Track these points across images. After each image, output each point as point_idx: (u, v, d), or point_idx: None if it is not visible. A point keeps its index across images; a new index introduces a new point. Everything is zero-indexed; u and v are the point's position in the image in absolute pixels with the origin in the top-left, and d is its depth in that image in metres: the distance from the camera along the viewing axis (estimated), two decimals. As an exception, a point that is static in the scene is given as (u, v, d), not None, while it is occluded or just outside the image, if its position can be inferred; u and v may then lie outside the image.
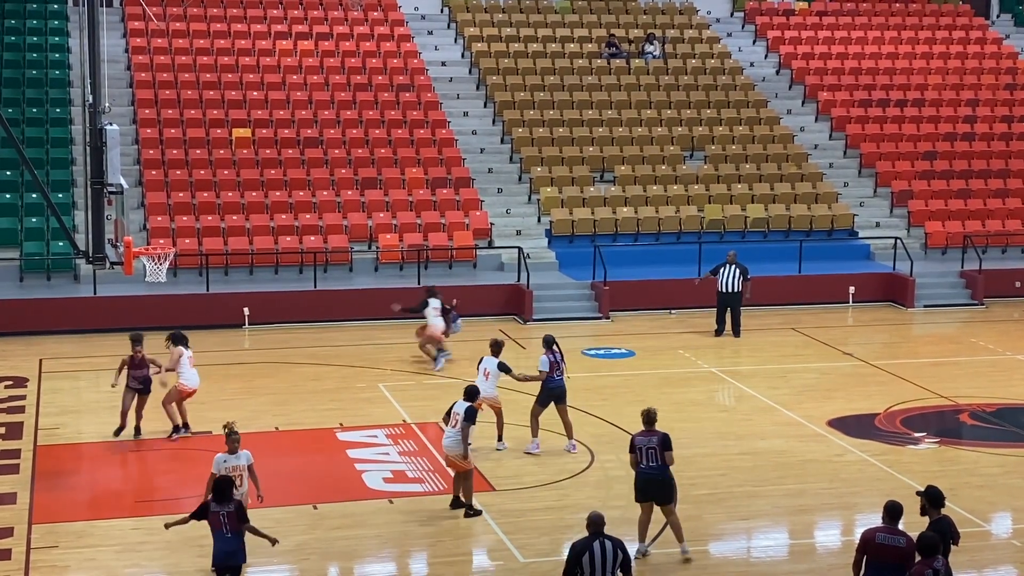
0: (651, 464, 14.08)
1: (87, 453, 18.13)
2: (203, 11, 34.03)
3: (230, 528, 12.47)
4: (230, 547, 12.50)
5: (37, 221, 27.12)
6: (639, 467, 14.15)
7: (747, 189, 31.08)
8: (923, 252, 30.38)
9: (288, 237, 27.54)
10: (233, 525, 12.48)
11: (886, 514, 11.75)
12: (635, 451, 14.17)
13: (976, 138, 33.90)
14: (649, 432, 14.25)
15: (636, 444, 14.20)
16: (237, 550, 12.55)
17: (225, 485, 12.64)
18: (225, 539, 12.48)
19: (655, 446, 14.08)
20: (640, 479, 14.19)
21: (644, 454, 14.11)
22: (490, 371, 17.90)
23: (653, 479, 14.12)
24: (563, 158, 31.16)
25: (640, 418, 14.45)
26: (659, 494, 14.18)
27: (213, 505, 12.51)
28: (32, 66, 31.43)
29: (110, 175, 17.70)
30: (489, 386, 17.79)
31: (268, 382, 21.68)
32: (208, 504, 12.58)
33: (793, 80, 35.85)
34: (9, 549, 14.45)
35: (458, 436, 15.37)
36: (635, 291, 27.25)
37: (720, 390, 21.82)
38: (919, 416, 20.24)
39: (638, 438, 14.23)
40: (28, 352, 23.18)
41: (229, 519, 12.46)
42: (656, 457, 14.07)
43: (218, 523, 12.48)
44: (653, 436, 14.18)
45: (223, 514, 12.46)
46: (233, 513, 12.48)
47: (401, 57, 33.45)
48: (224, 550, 12.51)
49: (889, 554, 11.49)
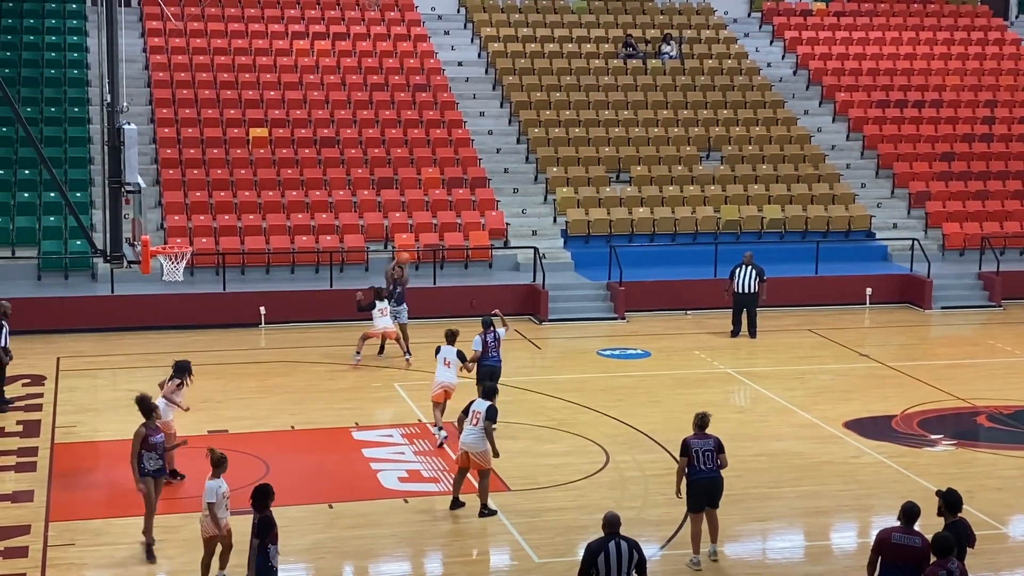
0: (708, 466, 14.08)
1: (104, 451, 18.18)
2: (221, 11, 34.11)
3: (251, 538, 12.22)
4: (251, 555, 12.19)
5: (55, 220, 27.22)
6: (693, 469, 14.07)
7: (764, 190, 31.02)
8: (940, 253, 30.28)
9: (304, 236, 27.60)
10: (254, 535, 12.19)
11: (903, 515, 11.74)
12: (689, 454, 14.07)
13: (994, 139, 33.77)
14: (703, 436, 14.21)
15: (691, 446, 14.10)
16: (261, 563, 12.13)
17: (264, 492, 12.27)
18: (251, 548, 12.23)
19: (711, 448, 14.09)
20: (694, 483, 14.10)
21: (700, 457, 14.06)
22: (450, 360, 18.41)
23: (710, 482, 14.12)
24: (579, 158, 31.15)
25: (693, 422, 14.39)
26: (714, 497, 14.22)
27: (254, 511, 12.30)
28: (50, 65, 31.55)
29: (128, 174, 17.78)
30: (451, 374, 18.37)
31: (284, 381, 21.72)
32: None
33: (810, 81, 35.76)
34: (26, 547, 14.50)
35: (479, 434, 15.38)
36: (651, 292, 27.23)
37: (736, 391, 21.78)
38: (936, 418, 20.17)
39: (693, 440, 14.15)
40: (46, 350, 23.28)
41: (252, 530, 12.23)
42: (713, 459, 14.09)
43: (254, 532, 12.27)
44: (709, 439, 14.17)
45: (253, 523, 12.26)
46: (255, 525, 12.21)
47: (418, 57, 33.48)
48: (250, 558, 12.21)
49: (904, 554, 11.48)
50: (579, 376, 22.42)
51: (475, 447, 15.43)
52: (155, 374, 22.21)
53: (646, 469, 17.37)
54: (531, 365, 23.37)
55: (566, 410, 20.08)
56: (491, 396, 15.75)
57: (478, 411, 15.46)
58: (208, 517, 13.06)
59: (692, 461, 14.05)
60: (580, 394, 21.02)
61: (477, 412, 15.46)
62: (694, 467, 14.06)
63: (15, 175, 28.42)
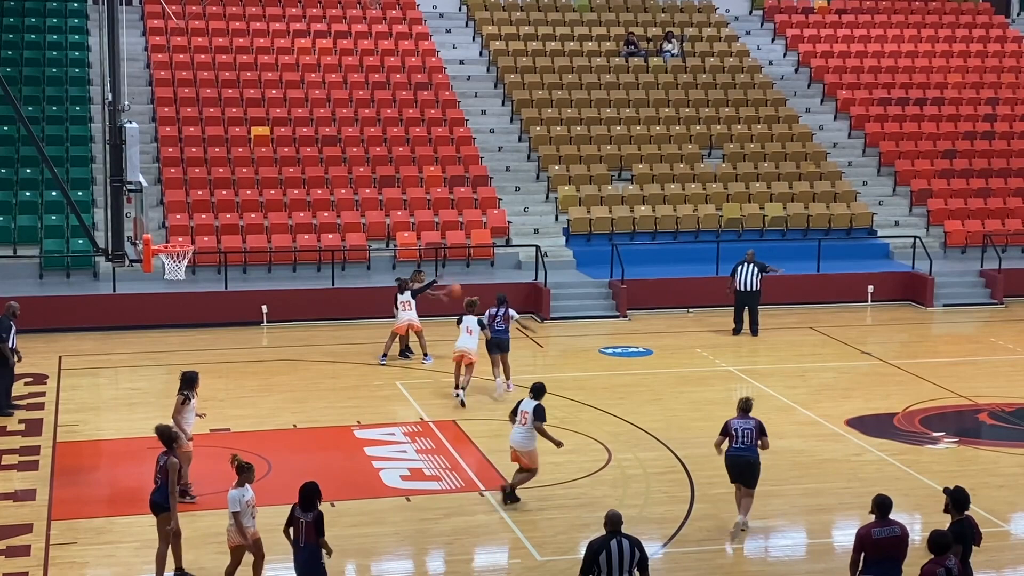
0: (744, 443, 14.89)
1: (106, 450, 18.20)
2: (222, 9, 34.11)
3: (306, 539, 12.17)
4: (302, 557, 12.21)
5: (57, 219, 27.23)
6: (731, 447, 14.93)
7: (766, 188, 31.01)
8: (942, 251, 30.26)
9: (306, 235, 27.60)
10: (310, 536, 12.15)
11: (877, 508, 11.87)
12: (729, 434, 14.94)
13: (996, 136, 33.75)
14: (745, 418, 15.09)
15: (732, 427, 14.99)
16: (313, 563, 12.16)
17: (311, 491, 12.24)
18: (299, 548, 12.23)
19: (751, 428, 14.96)
20: (729, 458, 14.96)
21: (740, 435, 14.91)
22: (472, 328, 20.22)
23: (746, 459, 14.90)
24: (581, 156, 31.15)
25: (737, 406, 15.25)
26: (748, 476, 14.95)
27: (297, 511, 12.26)
28: (52, 64, 31.56)
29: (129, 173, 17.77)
30: (471, 341, 20.12)
31: (286, 379, 21.74)
32: (294, 508, 12.30)
33: (812, 78, 35.75)
34: (28, 545, 14.52)
35: (527, 434, 15.60)
36: (653, 290, 27.23)
37: (738, 389, 21.77)
38: (938, 416, 20.17)
39: (735, 422, 15.02)
40: (48, 349, 23.29)
41: (306, 529, 12.16)
42: (752, 438, 14.90)
43: (297, 531, 12.24)
44: (750, 421, 15.04)
45: (303, 522, 12.18)
46: (311, 524, 12.13)
47: (419, 55, 33.48)
48: (298, 560, 12.26)
49: (887, 546, 11.64)
50: (581, 374, 22.43)
51: (523, 446, 15.67)
52: (157, 373, 22.35)
53: (648, 467, 17.38)
54: (533, 363, 23.38)
55: (568, 408, 20.09)
56: (539, 395, 15.86)
57: (526, 411, 15.67)
58: (234, 526, 12.84)
59: (732, 440, 14.96)
60: (582, 392, 21.02)
61: (525, 412, 15.67)
62: (732, 445, 14.99)
63: (17, 174, 28.43)
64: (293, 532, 12.30)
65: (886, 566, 11.62)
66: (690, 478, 16.96)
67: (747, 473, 14.95)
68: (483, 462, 17.51)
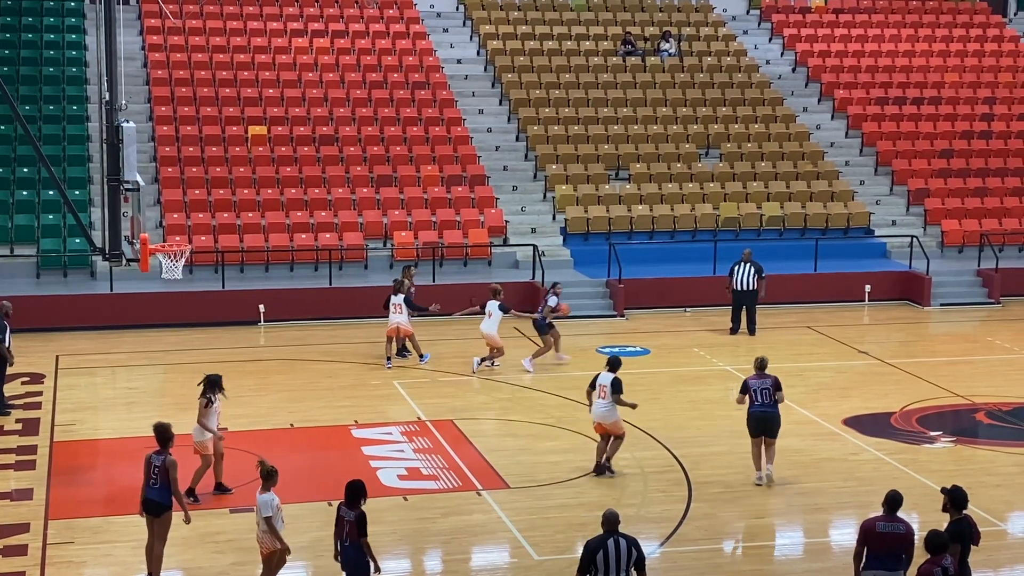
0: (764, 402, 16.40)
1: (103, 449, 18.19)
2: (219, 8, 34.09)
3: (349, 536, 12.18)
4: (348, 556, 12.21)
5: (54, 218, 27.22)
6: (753, 405, 16.43)
7: (763, 187, 31.02)
8: (939, 250, 30.28)
9: (303, 234, 27.59)
10: (352, 535, 12.15)
11: (886, 503, 11.90)
12: (748, 391, 16.45)
13: (993, 136, 33.76)
14: (762, 376, 16.51)
15: (750, 386, 16.48)
16: (358, 561, 12.16)
17: (356, 489, 12.26)
18: (344, 547, 12.23)
19: (768, 387, 16.41)
20: (752, 415, 16.50)
21: (758, 394, 16.40)
22: (493, 313, 21.75)
23: (766, 415, 16.42)
24: (578, 156, 31.15)
25: (753, 364, 16.81)
26: (770, 428, 16.47)
27: (342, 508, 12.31)
28: (49, 63, 31.54)
29: (126, 172, 17.76)
30: (493, 325, 21.77)
31: (283, 379, 21.72)
32: (340, 506, 12.35)
33: (809, 78, 35.76)
34: (25, 545, 14.51)
35: (609, 406, 16.61)
36: (650, 289, 27.23)
37: (735, 388, 21.70)
38: (935, 415, 20.17)
39: (752, 380, 16.49)
40: (45, 349, 23.27)
41: (350, 528, 12.18)
42: (769, 396, 16.37)
43: (340, 529, 12.28)
44: (766, 379, 16.47)
45: (346, 520, 12.21)
46: (354, 523, 12.15)
47: (416, 55, 33.47)
48: (344, 559, 12.27)
49: (890, 541, 11.69)
50: (578, 373, 22.37)
51: (606, 418, 16.72)
52: (154, 372, 22.35)
53: (645, 466, 17.38)
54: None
55: (565, 407, 20.08)
56: (616, 368, 16.93)
57: (604, 385, 16.69)
58: (267, 532, 12.67)
59: (752, 398, 16.42)
60: (579, 391, 20.90)
61: (603, 386, 16.70)
62: (753, 402, 16.43)
63: (14, 173, 28.40)
64: (336, 530, 12.31)
65: (889, 562, 11.64)
66: (687, 477, 16.96)
67: (769, 426, 16.48)
68: (481, 461, 17.50)
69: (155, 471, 13.39)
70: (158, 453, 13.51)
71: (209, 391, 15.69)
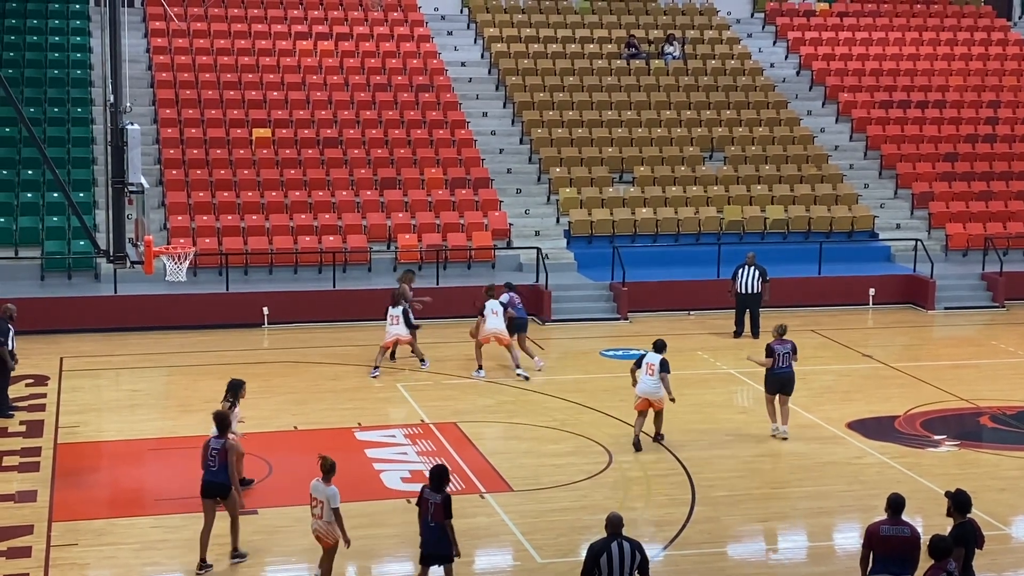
0: (784, 366, 18.62)
1: (107, 451, 18.19)
2: (224, 11, 34.13)
3: (434, 518, 12.67)
4: (433, 536, 12.72)
5: (58, 220, 27.24)
6: (775, 367, 18.60)
7: (767, 190, 31.01)
8: (944, 254, 30.26)
9: (307, 237, 27.60)
10: (438, 516, 12.65)
11: (889, 506, 11.86)
12: (773, 355, 18.57)
13: (997, 139, 33.75)
14: (783, 341, 18.75)
15: (775, 351, 18.63)
16: (441, 540, 12.72)
17: (441, 473, 12.80)
18: (429, 528, 12.73)
19: (788, 351, 18.66)
20: (773, 375, 18.67)
21: (780, 357, 18.59)
22: (497, 310, 21.95)
23: (785, 375, 18.66)
24: (582, 159, 31.15)
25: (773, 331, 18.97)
26: (788, 387, 18.72)
27: (426, 491, 12.80)
28: (54, 66, 31.57)
29: (131, 174, 17.76)
30: (498, 322, 21.93)
31: (287, 381, 21.73)
32: (423, 489, 12.86)
33: (813, 81, 35.75)
34: (29, 547, 14.51)
35: (658, 383, 17.93)
36: (654, 292, 27.22)
37: (739, 392, 21.77)
38: (939, 419, 20.16)
39: (776, 345, 18.70)
40: (49, 351, 23.29)
41: (435, 510, 12.67)
42: (788, 360, 18.63)
43: (425, 510, 12.74)
44: (787, 344, 18.73)
45: (431, 503, 12.70)
46: (440, 505, 12.64)
47: (421, 57, 33.49)
48: (428, 539, 12.78)
49: (895, 545, 11.64)
50: (582, 376, 22.42)
51: (654, 394, 18.04)
52: (158, 374, 22.37)
53: (649, 470, 17.37)
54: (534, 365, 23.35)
55: (569, 410, 20.08)
56: (662, 350, 18.24)
57: (652, 363, 18.03)
58: (332, 524, 13.15)
59: (775, 362, 18.55)
60: (583, 394, 21.02)
61: (651, 364, 18.03)
62: (776, 365, 18.56)
63: (18, 175, 28.44)
64: (420, 512, 12.81)
65: (895, 567, 11.61)
66: (691, 481, 16.95)
67: (787, 385, 18.71)
68: (484, 464, 17.50)
69: (213, 454, 14.00)
70: (217, 438, 14.11)
71: (230, 395, 15.91)
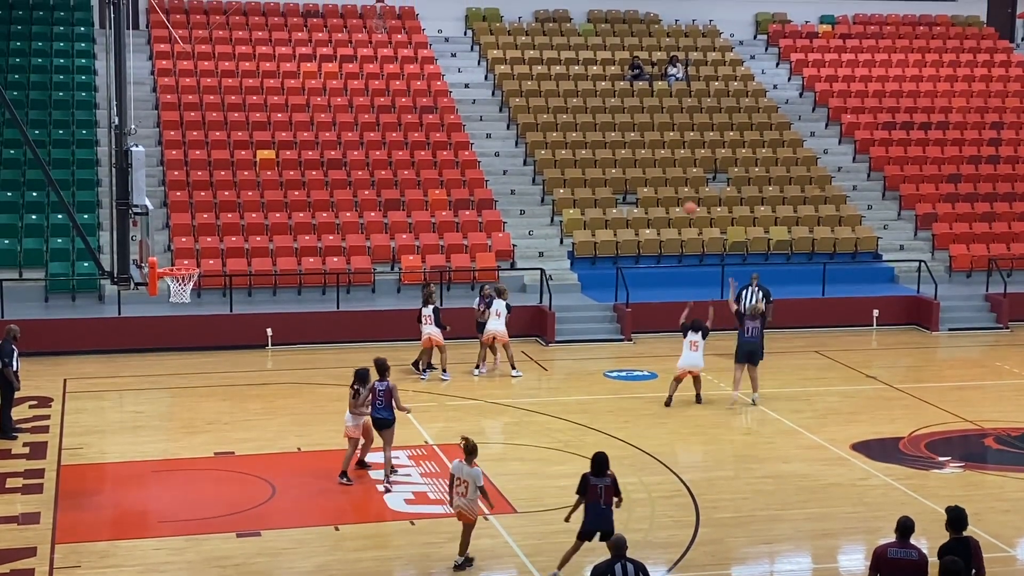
0: (752, 336, 21.39)
1: (110, 473, 18.17)
2: (228, 33, 34.26)
3: (605, 500, 13.78)
4: (604, 516, 13.81)
5: (63, 242, 27.29)
6: (743, 337, 21.34)
7: (770, 211, 31.03)
8: (947, 275, 30.25)
9: (311, 258, 27.63)
10: (608, 498, 13.77)
11: (898, 529, 11.80)
12: (743, 325, 21.44)
13: (1001, 161, 33.77)
14: (754, 317, 21.52)
15: (746, 324, 21.45)
16: (610, 518, 13.82)
17: (602, 459, 13.84)
18: (599, 510, 13.80)
19: (758, 325, 21.46)
20: (743, 346, 21.42)
21: (750, 329, 21.33)
22: (500, 312, 23.30)
23: (753, 345, 21.45)
24: (586, 180, 31.20)
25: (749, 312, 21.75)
26: (754, 357, 21.45)
27: (591, 478, 13.80)
28: (59, 88, 31.67)
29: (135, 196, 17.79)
30: (500, 323, 23.30)
31: (290, 402, 21.72)
32: (587, 477, 13.87)
33: (816, 102, 35.81)
34: (32, 569, 14.49)
35: (701, 356, 21.24)
36: (657, 313, 27.17)
37: (742, 413, 21.74)
38: (943, 440, 20.11)
39: (748, 321, 21.43)
40: (53, 372, 23.30)
41: (605, 492, 13.79)
42: (758, 332, 21.40)
43: (595, 495, 13.79)
44: (757, 320, 21.55)
45: (600, 488, 13.77)
46: (610, 487, 13.79)
47: (424, 79, 33.58)
48: (597, 519, 13.81)
49: (903, 568, 11.55)
50: (586, 397, 22.40)
51: (698, 366, 21.40)
52: (161, 396, 22.35)
53: (653, 491, 17.34)
54: (538, 387, 23.36)
55: (573, 432, 20.06)
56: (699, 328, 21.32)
57: (696, 340, 21.20)
58: (474, 501, 14.29)
59: (743, 332, 21.33)
60: (586, 416, 21.00)
61: (695, 341, 21.19)
62: (743, 335, 21.32)
63: (23, 197, 28.51)
64: (589, 496, 13.83)
65: None
66: (695, 502, 16.91)
67: (754, 355, 21.44)
68: (487, 486, 17.44)
69: (380, 394, 16.98)
70: (380, 381, 17.05)
71: (357, 383, 17.25)
